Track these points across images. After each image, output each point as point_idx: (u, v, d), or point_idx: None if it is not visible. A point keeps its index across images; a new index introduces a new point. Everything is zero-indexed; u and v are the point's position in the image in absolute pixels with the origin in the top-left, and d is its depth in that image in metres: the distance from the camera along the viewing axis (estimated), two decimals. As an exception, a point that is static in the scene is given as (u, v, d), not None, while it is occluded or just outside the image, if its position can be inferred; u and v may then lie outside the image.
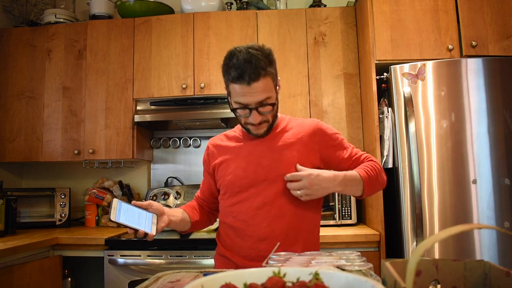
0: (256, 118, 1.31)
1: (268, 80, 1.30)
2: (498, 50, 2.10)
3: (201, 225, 1.54)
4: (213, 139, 1.53)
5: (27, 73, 2.69)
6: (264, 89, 1.28)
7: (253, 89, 1.26)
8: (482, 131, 1.94)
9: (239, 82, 1.26)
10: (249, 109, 1.30)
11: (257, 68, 1.26)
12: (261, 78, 1.27)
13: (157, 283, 0.99)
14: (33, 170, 2.97)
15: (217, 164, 1.44)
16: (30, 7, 2.94)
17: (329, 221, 2.34)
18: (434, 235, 0.54)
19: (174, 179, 2.83)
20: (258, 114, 1.31)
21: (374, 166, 1.39)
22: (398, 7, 2.17)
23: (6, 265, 1.83)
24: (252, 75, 1.25)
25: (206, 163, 1.51)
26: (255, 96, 1.28)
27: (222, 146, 1.47)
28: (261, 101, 1.29)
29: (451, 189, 1.92)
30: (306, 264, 0.83)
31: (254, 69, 1.25)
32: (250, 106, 1.29)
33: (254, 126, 1.35)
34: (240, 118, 1.36)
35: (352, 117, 2.44)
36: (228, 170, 1.40)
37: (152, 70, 2.57)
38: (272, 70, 1.31)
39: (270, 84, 1.31)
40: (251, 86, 1.26)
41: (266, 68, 1.28)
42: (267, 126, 1.37)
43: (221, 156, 1.45)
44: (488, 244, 1.88)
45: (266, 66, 1.28)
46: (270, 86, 1.31)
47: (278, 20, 2.54)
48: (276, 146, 1.39)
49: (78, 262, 2.48)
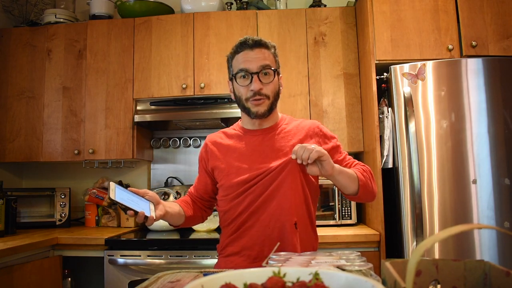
0: (257, 84, 1.35)
1: (270, 54, 1.40)
2: (498, 50, 2.10)
3: (194, 221, 1.53)
4: (211, 136, 1.52)
5: (27, 73, 2.69)
6: (265, 57, 1.37)
7: (255, 54, 1.36)
8: (482, 131, 1.94)
9: (242, 48, 1.37)
10: (251, 75, 1.35)
11: (261, 40, 1.39)
12: (264, 48, 1.38)
13: (157, 283, 0.99)
14: (33, 170, 2.97)
15: (218, 164, 1.43)
16: (30, 7, 2.94)
17: (329, 221, 2.34)
18: (434, 235, 0.54)
19: (174, 179, 2.83)
20: (258, 80, 1.35)
21: (367, 171, 1.40)
22: (398, 7, 2.17)
23: (6, 265, 1.83)
24: (256, 42, 1.37)
25: (204, 161, 1.49)
26: (257, 61, 1.35)
27: (222, 145, 1.46)
28: (263, 65, 1.35)
29: (451, 189, 1.92)
30: (306, 264, 0.83)
31: (258, 40, 1.38)
32: (252, 70, 1.35)
33: (255, 101, 1.35)
34: (240, 95, 1.38)
35: (352, 117, 2.44)
36: (231, 171, 1.39)
37: (152, 70, 2.57)
38: (274, 50, 1.42)
39: (271, 58, 1.40)
40: (253, 50, 1.36)
41: (268, 45, 1.40)
42: (268, 105, 1.38)
43: (222, 156, 1.44)
44: (488, 244, 1.88)
45: (269, 45, 1.41)
46: (272, 59, 1.40)
47: (278, 20, 2.54)
48: (278, 146, 1.39)
49: (78, 262, 2.48)
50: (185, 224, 1.48)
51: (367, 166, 1.44)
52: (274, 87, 1.39)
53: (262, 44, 1.38)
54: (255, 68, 1.35)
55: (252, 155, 1.39)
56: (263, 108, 1.37)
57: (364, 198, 1.40)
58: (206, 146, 1.50)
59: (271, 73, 1.37)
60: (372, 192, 1.40)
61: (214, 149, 1.46)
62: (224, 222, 1.43)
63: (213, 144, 1.48)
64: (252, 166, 1.37)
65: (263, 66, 1.35)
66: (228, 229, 1.41)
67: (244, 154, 1.40)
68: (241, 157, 1.40)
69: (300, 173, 1.35)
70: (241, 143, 1.43)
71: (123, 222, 2.61)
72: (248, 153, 1.40)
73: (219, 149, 1.46)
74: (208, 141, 1.50)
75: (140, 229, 2.57)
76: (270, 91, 1.38)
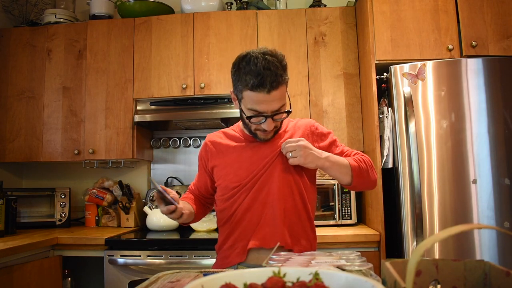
0: (270, 125, 1.32)
1: (284, 87, 1.30)
2: (498, 50, 2.10)
3: (198, 217, 1.55)
4: (211, 135, 1.53)
5: (27, 73, 2.69)
6: (280, 97, 1.29)
7: (272, 98, 1.26)
8: (482, 131, 1.94)
9: (259, 90, 1.24)
10: (265, 117, 1.30)
11: (277, 76, 1.25)
12: (280, 86, 1.27)
13: (157, 283, 0.99)
14: (33, 170, 2.97)
15: (217, 164, 1.45)
16: (30, 7, 2.94)
17: (329, 221, 2.34)
18: (434, 235, 0.54)
19: (174, 179, 2.83)
20: (272, 121, 1.32)
21: (365, 159, 1.41)
22: (398, 7, 2.17)
23: (6, 265, 1.83)
24: (273, 83, 1.24)
25: (204, 160, 1.51)
26: (273, 105, 1.28)
27: (222, 145, 1.47)
28: (278, 109, 1.30)
29: (451, 189, 1.92)
30: (306, 264, 0.83)
31: (274, 77, 1.24)
32: (266, 113, 1.29)
33: (264, 133, 1.36)
34: (251, 125, 1.36)
35: (352, 117, 2.44)
36: (230, 171, 1.41)
37: (152, 70, 2.57)
38: (286, 76, 1.31)
39: (285, 91, 1.31)
40: (270, 94, 1.25)
41: (283, 75, 1.28)
42: (275, 132, 1.39)
43: (221, 156, 1.45)
44: (488, 244, 1.88)
45: (283, 74, 1.28)
46: (285, 93, 1.31)
47: (278, 20, 2.54)
48: (275, 147, 1.40)
49: (78, 262, 2.48)
50: (192, 221, 1.51)
51: (366, 156, 1.44)
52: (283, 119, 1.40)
53: (279, 82, 1.26)
54: (270, 112, 1.29)
55: (252, 157, 1.40)
56: (270, 136, 1.39)
57: (360, 187, 1.42)
58: (206, 145, 1.50)
59: (286, 110, 1.35)
60: (370, 180, 1.41)
61: (213, 149, 1.48)
62: (220, 221, 1.46)
63: (213, 144, 1.49)
64: (249, 167, 1.38)
65: (278, 110, 1.30)
66: (224, 228, 1.44)
67: (242, 155, 1.41)
68: (239, 158, 1.41)
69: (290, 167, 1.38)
70: (240, 145, 1.44)
71: (123, 222, 2.61)
72: (246, 155, 1.41)
73: (219, 149, 1.47)
74: (208, 141, 1.51)
75: (140, 229, 2.57)
76: (280, 123, 1.39)
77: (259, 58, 1.25)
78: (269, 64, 1.24)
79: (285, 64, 1.30)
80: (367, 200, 2.38)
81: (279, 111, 1.30)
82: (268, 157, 1.39)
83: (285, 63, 1.30)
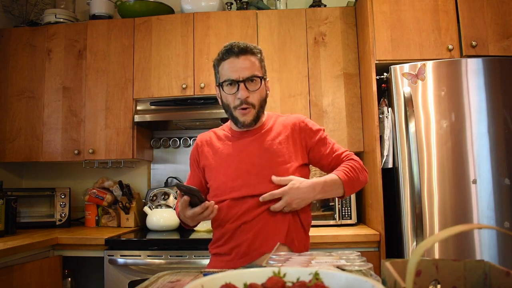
0: (243, 92, 1.36)
1: (256, 60, 1.39)
2: (498, 50, 2.10)
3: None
4: (202, 135, 1.54)
5: (27, 73, 2.68)
6: (253, 64, 1.37)
7: (241, 63, 1.36)
8: (482, 131, 1.94)
9: (228, 55, 1.36)
10: (237, 83, 1.36)
11: (246, 46, 1.38)
12: (249, 55, 1.37)
13: (157, 283, 0.99)
14: (33, 170, 2.97)
15: (207, 164, 1.46)
16: (30, 7, 2.94)
17: (329, 221, 2.33)
18: (434, 235, 0.54)
19: (174, 179, 2.83)
20: (246, 89, 1.36)
21: (354, 166, 1.41)
22: (398, 7, 2.17)
23: (6, 265, 1.83)
24: (241, 48, 1.36)
25: (195, 159, 1.52)
26: (243, 70, 1.35)
27: (212, 145, 1.48)
28: (249, 75, 1.36)
29: (451, 189, 1.92)
30: (306, 264, 0.83)
31: (243, 45, 1.37)
32: (238, 79, 1.35)
33: (241, 111, 1.38)
34: (228, 103, 1.40)
35: (352, 117, 2.44)
36: (219, 171, 1.42)
37: (152, 70, 2.57)
38: (259, 54, 1.41)
39: (258, 65, 1.40)
40: (239, 57, 1.36)
41: (255, 52, 1.40)
42: (254, 114, 1.40)
43: (211, 156, 1.46)
44: (488, 244, 1.88)
45: (255, 51, 1.40)
46: (258, 67, 1.39)
47: (278, 20, 2.54)
48: (265, 145, 1.41)
49: (78, 262, 2.48)
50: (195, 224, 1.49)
51: (356, 160, 1.45)
52: (261, 95, 1.41)
53: (248, 51, 1.38)
54: (242, 77, 1.36)
55: (240, 155, 1.41)
56: (249, 118, 1.40)
57: (353, 192, 1.47)
58: (197, 146, 1.52)
59: (258, 80, 1.39)
60: (360, 184, 1.44)
61: (204, 149, 1.50)
62: (214, 223, 1.45)
63: (204, 144, 1.51)
64: (239, 166, 1.39)
65: (250, 75, 1.36)
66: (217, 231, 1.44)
67: (232, 154, 1.42)
68: (229, 157, 1.42)
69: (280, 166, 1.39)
70: (229, 143, 1.46)
71: (123, 222, 2.61)
72: (236, 154, 1.42)
73: (209, 149, 1.49)
74: (199, 141, 1.53)
75: (140, 229, 2.57)
76: (256, 100, 1.40)
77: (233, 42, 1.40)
78: (238, 42, 1.39)
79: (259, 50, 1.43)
80: (367, 200, 2.38)
81: (251, 77, 1.37)
82: (255, 155, 1.39)
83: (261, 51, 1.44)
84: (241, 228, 1.35)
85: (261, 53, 1.43)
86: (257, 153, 1.40)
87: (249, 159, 1.39)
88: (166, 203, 2.60)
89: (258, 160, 1.38)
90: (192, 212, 1.29)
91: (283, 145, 1.40)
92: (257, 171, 1.37)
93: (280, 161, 1.38)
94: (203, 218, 1.32)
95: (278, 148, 1.40)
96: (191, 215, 1.30)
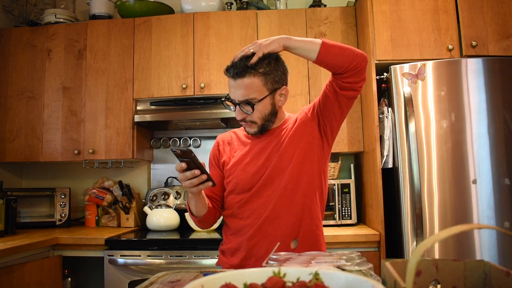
0: (238, 114, 1.35)
1: (256, 80, 1.30)
2: (498, 50, 2.10)
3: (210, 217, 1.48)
4: (222, 135, 1.56)
5: (27, 73, 2.68)
6: (248, 87, 1.29)
7: (237, 85, 1.30)
8: (482, 131, 1.94)
9: (227, 75, 1.32)
10: (234, 104, 1.35)
11: (245, 66, 1.28)
12: (247, 76, 1.29)
13: (157, 283, 0.99)
14: (33, 170, 2.97)
15: (226, 160, 1.47)
16: (30, 7, 2.94)
17: (329, 221, 2.34)
18: (434, 235, 0.54)
19: (174, 179, 2.83)
20: (240, 110, 1.34)
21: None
22: (398, 7, 2.17)
23: (6, 265, 1.83)
24: (238, 70, 1.28)
25: (216, 157, 1.52)
26: (237, 93, 1.31)
27: (232, 143, 1.50)
28: (243, 99, 1.31)
29: (451, 189, 1.92)
30: (306, 264, 0.83)
31: (242, 66, 1.28)
32: (234, 101, 1.34)
33: (244, 124, 1.39)
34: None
35: (352, 117, 2.44)
36: (238, 168, 1.42)
37: (152, 70, 2.57)
38: (266, 71, 1.31)
39: (258, 84, 1.30)
40: (235, 81, 1.30)
41: (258, 68, 1.29)
42: (257, 127, 1.38)
43: (231, 154, 1.48)
44: (488, 244, 1.88)
45: (259, 67, 1.29)
46: (258, 86, 1.30)
47: (278, 20, 2.54)
48: (282, 143, 1.40)
49: (78, 262, 2.48)
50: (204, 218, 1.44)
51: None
52: (261, 113, 1.35)
53: (247, 72, 1.28)
54: (237, 100, 1.32)
55: (259, 153, 1.41)
56: (253, 130, 1.39)
57: (336, 58, 1.27)
58: (218, 144, 1.53)
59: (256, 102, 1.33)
60: (351, 53, 1.27)
61: (225, 147, 1.51)
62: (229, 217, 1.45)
63: (224, 143, 1.52)
64: (256, 163, 1.40)
65: (243, 100, 1.31)
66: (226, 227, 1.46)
67: (250, 153, 1.43)
68: (248, 155, 1.43)
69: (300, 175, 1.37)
70: (248, 142, 1.46)
71: (123, 222, 2.61)
72: (255, 151, 1.42)
73: (230, 147, 1.50)
74: (220, 140, 1.54)
75: (140, 229, 2.57)
76: (256, 117, 1.35)
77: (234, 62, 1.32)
78: (248, 56, 1.29)
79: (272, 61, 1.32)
80: (367, 200, 2.38)
81: (246, 101, 1.31)
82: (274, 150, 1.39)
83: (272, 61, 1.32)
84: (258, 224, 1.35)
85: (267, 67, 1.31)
86: (274, 151, 1.39)
87: (267, 156, 1.39)
88: (166, 203, 2.60)
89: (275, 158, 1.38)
90: (183, 175, 1.23)
91: (299, 141, 1.39)
92: (275, 169, 1.37)
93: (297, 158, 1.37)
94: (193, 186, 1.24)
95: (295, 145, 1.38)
96: (182, 178, 1.24)
